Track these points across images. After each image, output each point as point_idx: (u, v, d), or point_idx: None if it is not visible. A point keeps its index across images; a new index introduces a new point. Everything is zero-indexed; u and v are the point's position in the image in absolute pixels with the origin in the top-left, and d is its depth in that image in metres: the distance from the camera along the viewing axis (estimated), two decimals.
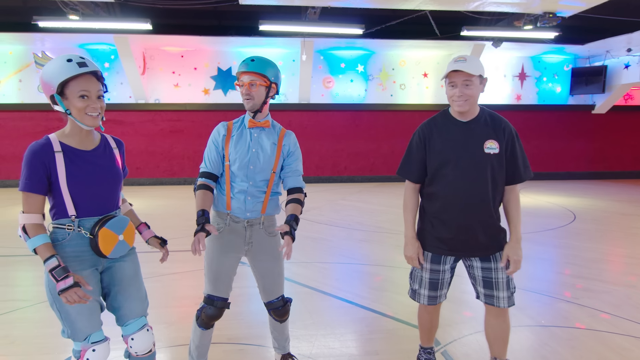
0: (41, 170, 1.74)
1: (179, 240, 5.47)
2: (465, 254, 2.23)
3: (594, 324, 3.18)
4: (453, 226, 2.17)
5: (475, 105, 2.15)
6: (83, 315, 1.82)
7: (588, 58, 11.49)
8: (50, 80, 1.73)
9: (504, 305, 2.20)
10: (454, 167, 2.13)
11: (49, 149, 1.77)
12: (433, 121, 2.24)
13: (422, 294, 2.32)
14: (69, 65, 1.73)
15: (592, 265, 4.57)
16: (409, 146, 2.30)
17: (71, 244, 1.80)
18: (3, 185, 10.17)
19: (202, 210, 2.12)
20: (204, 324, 2.27)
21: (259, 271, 2.32)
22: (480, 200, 2.12)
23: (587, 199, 8.81)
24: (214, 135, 2.24)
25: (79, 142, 1.84)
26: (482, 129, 2.13)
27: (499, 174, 2.13)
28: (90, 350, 1.83)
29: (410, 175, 2.28)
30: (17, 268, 4.57)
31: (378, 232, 6.05)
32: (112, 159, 1.93)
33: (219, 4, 7.51)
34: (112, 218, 1.85)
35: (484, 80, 2.13)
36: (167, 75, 10.39)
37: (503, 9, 7.62)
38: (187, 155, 10.58)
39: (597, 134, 11.90)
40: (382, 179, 11.27)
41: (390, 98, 11.13)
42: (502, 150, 2.12)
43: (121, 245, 1.88)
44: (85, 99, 1.76)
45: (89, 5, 7.48)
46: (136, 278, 2.00)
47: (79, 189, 1.79)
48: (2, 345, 2.85)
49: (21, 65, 10.04)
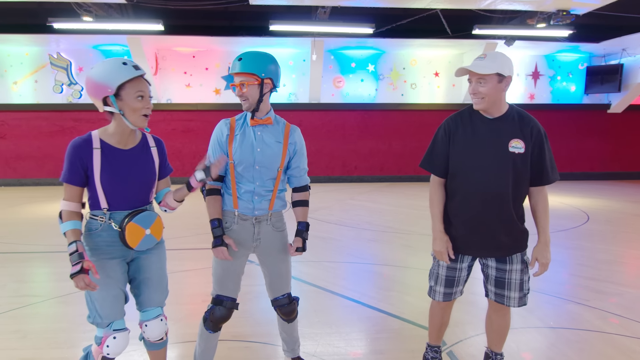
0: (78, 164, 1.86)
1: (189, 239, 5.53)
2: (482, 254, 2.21)
3: (604, 326, 3.13)
4: (470, 224, 2.15)
5: (499, 103, 2.09)
6: (107, 302, 1.93)
7: (604, 56, 11.28)
8: (107, 82, 1.82)
9: (514, 305, 2.20)
10: (476, 164, 2.11)
11: (88, 145, 1.88)
12: (460, 115, 2.21)
13: (437, 290, 2.32)
14: (126, 68, 1.84)
15: (603, 267, 4.50)
16: (433, 139, 2.27)
17: (102, 235, 1.93)
18: (20, 184, 10.39)
19: (218, 220, 2.14)
20: (212, 327, 2.24)
21: (267, 267, 2.31)
22: (500, 199, 2.09)
23: (601, 199, 8.66)
24: (217, 135, 2.20)
25: (120, 141, 1.94)
26: (509, 127, 2.09)
27: (522, 174, 2.08)
28: (111, 337, 1.94)
29: (432, 167, 2.26)
30: (32, 264, 4.67)
31: (387, 231, 6.03)
32: (148, 158, 2.02)
33: (230, 4, 7.56)
34: (140, 213, 1.95)
35: (505, 79, 2.05)
36: (178, 75, 10.49)
37: (515, 7, 7.53)
38: (198, 154, 10.67)
39: (612, 134, 11.68)
40: (392, 179, 11.22)
41: (401, 97, 11.08)
42: (528, 150, 2.07)
43: (148, 239, 1.98)
44: (142, 100, 1.87)
45: (102, 6, 7.60)
46: (160, 270, 2.11)
47: (111, 184, 1.90)
48: (14, 340, 2.91)
49: (37, 66, 10.23)
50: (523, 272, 2.19)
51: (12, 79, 10.25)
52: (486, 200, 2.09)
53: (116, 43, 9.78)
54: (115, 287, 1.95)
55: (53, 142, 10.29)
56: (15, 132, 10.29)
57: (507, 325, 2.33)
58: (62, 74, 10.26)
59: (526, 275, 2.21)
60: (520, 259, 2.19)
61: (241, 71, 2.09)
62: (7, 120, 10.25)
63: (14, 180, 10.39)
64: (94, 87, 1.85)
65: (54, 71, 10.24)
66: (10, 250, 5.19)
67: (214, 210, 2.17)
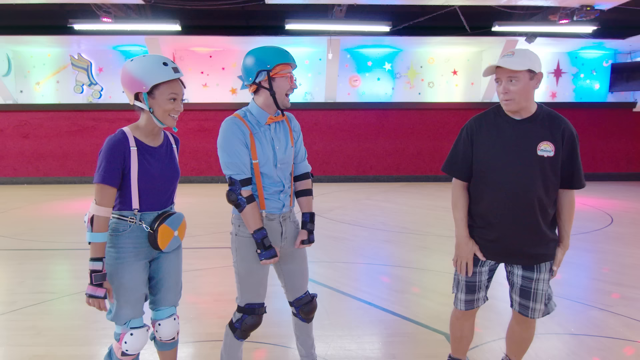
0: (119, 164, 1.83)
1: (202, 238, 5.55)
2: (507, 260, 2.11)
3: (629, 334, 3.00)
4: (495, 231, 2.04)
5: (528, 103, 1.96)
6: (129, 304, 1.94)
7: (629, 53, 10.91)
8: (144, 79, 1.81)
9: (537, 317, 2.10)
10: (502, 168, 1.98)
11: (126, 143, 1.85)
12: (484, 116, 2.09)
13: (459, 298, 2.21)
14: (166, 69, 1.83)
15: (628, 271, 4.32)
16: (456, 141, 2.16)
17: (131, 236, 1.91)
18: (42, 182, 10.63)
19: (264, 229, 2.03)
20: (243, 335, 2.15)
21: (289, 265, 2.22)
22: (527, 205, 1.97)
23: (626, 201, 8.37)
24: (238, 137, 2.02)
25: (149, 139, 1.95)
26: (538, 129, 1.96)
27: (552, 179, 1.96)
28: (128, 334, 1.95)
29: (455, 171, 2.14)
30: (49, 262, 4.75)
31: (402, 232, 5.94)
32: (173, 156, 2.05)
33: (246, 4, 7.57)
34: (170, 215, 1.97)
35: (537, 75, 1.93)
36: (195, 75, 10.58)
37: (537, 3, 7.34)
38: (214, 154, 10.60)
39: (638, 133, 11.29)
40: (408, 178, 11.09)
41: (418, 96, 10.94)
42: (559, 153, 1.95)
43: (175, 241, 2.01)
44: (174, 102, 1.89)
45: (121, 7, 7.70)
46: (177, 271, 2.11)
47: (146, 183, 1.89)
48: (28, 336, 2.95)
49: (58, 67, 10.46)
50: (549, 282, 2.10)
51: (35, 80, 10.50)
52: (513, 205, 1.98)
53: (135, 44, 9.92)
54: (139, 290, 1.95)
55: (74, 142, 10.50)
56: (37, 131, 10.54)
57: (530, 338, 2.21)
58: (82, 75, 10.47)
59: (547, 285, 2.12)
60: (549, 268, 2.09)
61: (295, 62, 2.08)
62: (30, 120, 10.50)
63: (36, 179, 10.64)
64: (130, 80, 1.84)
65: (75, 72, 10.45)
66: (31, 247, 5.30)
67: (259, 219, 2.03)
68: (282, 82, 2.03)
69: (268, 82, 2.02)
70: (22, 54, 10.40)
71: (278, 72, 2.01)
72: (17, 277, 4.18)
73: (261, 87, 2.05)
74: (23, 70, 10.47)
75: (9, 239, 5.61)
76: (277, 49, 2.06)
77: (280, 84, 2.03)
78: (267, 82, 2.02)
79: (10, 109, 10.39)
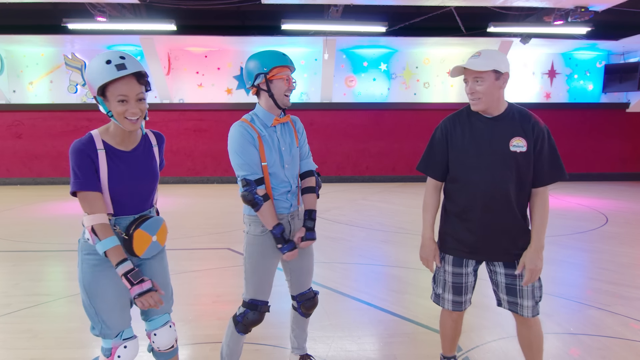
0: (90, 166, 1.74)
1: (199, 238, 5.51)
2: (487, 258, 2.13)
3: (626, 333, 3.01)
4: (474, 228, 2.08)
5: (497, 102, 2.01)
6: (115, 312, 1.85)
7: (622, 54, 11.00)
8: (92, 82, 1.71)
9: (528, 315, 2.09)
10: (477, 165, 2.03)
11: (92, 146, 1.76)
12: (457, 116, 2.14)
13: (446, 298, 2.23)
14: (108, 68, 1.66)
15: (624, 270, 4.35)
16: (430, 140, 2.20)
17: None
18: (35, 183, 10.52)
19: (282, 225, 2.12)
20: (243, 330, 2.23)
21: (296, 263, 2.30)
22: (503, 201, 2.01)
23: (620, 201, 8.44)
24: (247, 139, 2.08)
25: (120, 142, 1.83)
26: (509, 126, 2.01)
27: (525, 174, 2.01)
28: (121, 347, 1.86)
29: (429, 170, 2.19)
30: (44, 263, 4.70)
31: (399, 232, 5.94)
32: (151, 158, 1.92)
33: (242, 4, 7.55)
34: (147, 219, 1.85)
35: (503, 76, 1.97)
36: (191, 75, 10.52)
37: (532, 4, 7.37)
38: (210, 154, 10.69)
39: (631, 134, 11.38)
40: (404, 179, 11.10)
41: (413, 97, 10.96)
42: (531, 148, 1.99)
43: (154, 246, 1.90)
44: (124, 104, 1.71)
45: (115, 7, 7.64)
46: (164, 277, 2.04)
47: (118, 188, 1.79)
48: (24, 339, 2.91)
49: (52, 67, 10.36)
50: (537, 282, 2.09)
51: (28, 80, 10.39)
52: (489, 202, 2.02)
53: (129, 43, 9.84)
54: (122, 295, 1.86)
55: (67, 142, 10.30)
56: (30, 131, 10.43)
57: (537, 339, 2.17)
58: (76, 75, 10.38)
59: (537, 282, 2.10)
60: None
61: (292, 65, 2.14)
62: (23, 120, 10.39)
63: (29, 179, 10.53)
64: (88, 86, 1.77)
65: (69, 71, 10.36)
66: (25, 248, 5.24)
67: (275, 215, 2.11)
68: (279, 84, 2.10)
69: (266, 84, 2.11)
70: (15, 53, 10.29)
71: (275, 75, 2.09)
72: (12, 279, 4.13)
73: (260, 89, 2.14)
74: (16, 70, 10.36)
75: (3, 241, 5.54)
76: (275, 52, 2.13)
77: (278, 85, 2.10)
78: (265, 84, 2.11)
79: (2, 109, 10.27)
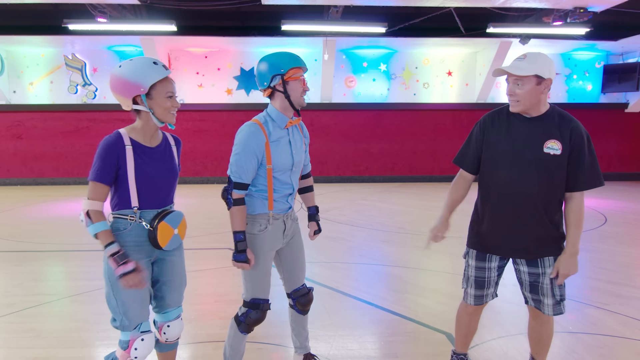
0: (113, 163, 1.86)
1: (200, 238, 5.53)
2: (508, 254, 2.17)
3: (625, 332, 3.04)
4: (497, 224, 2.12)
5: (537, 106, 2.02)
6: (137, 304, 1.92)
7: (621, 54, 11.04)
8: (140, 81, 1.85)
9: (549, 313, 2.13)
10: (508, 163, 2.05)
11: (120, 142, 1.88)
12: (497, 113, 2.17)
13: (469, 293, 2.28)
14: (157, 68, 1.88)
15: (623, 270, 4.38)
16: (469, 135, 2.25)
17: (131, 234, 1.91)
18: (35, 184, 10.53)
19: (243, 233, 2.10)
20: (246, 329, 2.25)
21: (288, 259, 2.34)
22: (529, 200, 2.03)
23: (620, 201, 8.47)
24: (252, 146, 2.06)
25: (146, 139, 1.96)
26: (546, 128, 2.01)
27: (557, 176, 2.01)
28: (139, 340, 1.93)
29: (464, 163, 2.24)
30: (46, 263, 4.72)
31: (399, 232, 5.96)
32: (172, 156, 2.06)
33: (242, 4, 7.57)
34: (170, 213, 1.97)
35: (545, 81, 1.95)
36: (191, 75, 10.53)
37: (531, 5, 7.39)
38: (210, 154, 10.71)
39: (630, 134, 11.42)
40: (404, 179, 11.13)
41: (413, 97, 10.98)
42: (566, 152, 1.99)
43: (175, 239, 2.00)
44: (171, 99, 1.94)
45: (116, 7, 7.66)
46: (182, 271, 2.13)
47: (144, 182, 1.91)
48: (28, 339, 2.93)
49: (52, 67, 10.37)
50: (555, 278, 2.12)
51: (29, 80, 10.40)
52: (514, 200, 2.05)
53: (130, 44, 9.85)
54: (143, 289, 1.94)
55: (68, 142, 10.41)
56: (31, 132, 10.43)
57: (548, 335, 2.25)
58: (76, 75, 10.39)
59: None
60: (553, 264, 2.12)
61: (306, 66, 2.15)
62: (23, 121, 10.40)
63: (30, 180, 10.54)
64: (124, 85, 1.86)
65: (69, 72, 10.36)
66: (27, 249, 5.25)
67: (242, 221, 2.10)
68: (295, 85, 2.11)
69: (282, 86, 2.10)
70: (15, 53, 10.30)
71: (291, 76, 2.09)
72: (14, 279, 4.14)
73: (276, 90, 2.12)
74: (16, 70, 10.37)
75: (4, 241, 5.56)
76: (290, 54, 2.14)
77: (294, 86, 2.11)
78: (282, 86, 2.10)
79: (3, 109, 10.28)
